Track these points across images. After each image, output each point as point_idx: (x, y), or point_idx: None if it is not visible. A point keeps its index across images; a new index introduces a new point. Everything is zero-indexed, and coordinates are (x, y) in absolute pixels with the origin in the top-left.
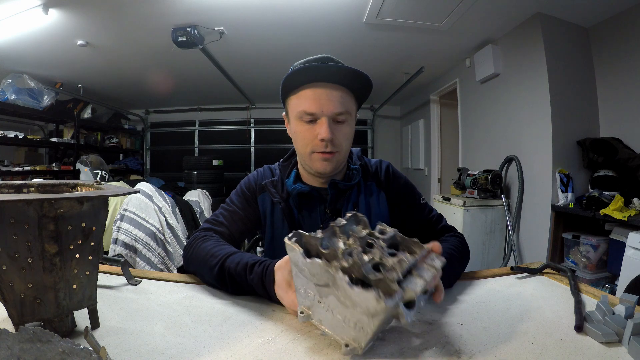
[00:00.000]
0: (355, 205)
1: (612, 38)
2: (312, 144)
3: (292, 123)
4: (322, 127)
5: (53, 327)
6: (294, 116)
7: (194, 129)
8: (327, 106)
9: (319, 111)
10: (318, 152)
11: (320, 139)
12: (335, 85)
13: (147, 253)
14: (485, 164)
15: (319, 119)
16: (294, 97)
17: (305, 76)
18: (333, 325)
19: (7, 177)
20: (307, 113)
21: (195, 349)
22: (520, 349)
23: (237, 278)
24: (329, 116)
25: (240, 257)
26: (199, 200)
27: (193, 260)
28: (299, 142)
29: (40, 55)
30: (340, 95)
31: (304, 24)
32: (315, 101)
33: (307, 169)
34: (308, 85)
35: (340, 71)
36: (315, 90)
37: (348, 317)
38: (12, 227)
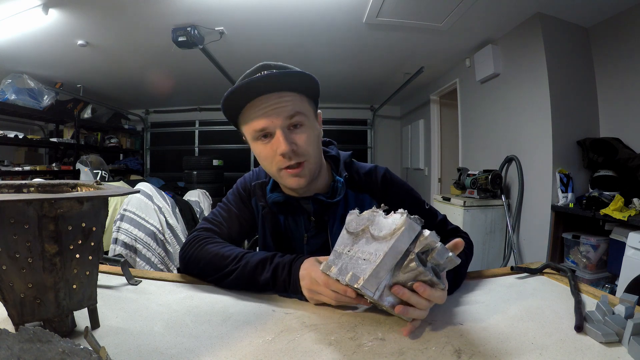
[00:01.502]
0: (342, 218)
1: (612, 38)
2: (275, 162)
3: (252, 145)
4: (278, 140)
5: (53, 327)
6: (250, 139)
7: (194, 129)
8: (275, 117)
9: (269, 124)
10: (284, 169)
11: (280, 154)
12: (278, 93)
13: (147, 253)
14: (485, 164)
15: (273, 132)
16: (242, 120)
17: (241, 96)
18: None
19: (7, 177)
20: (258, 130)
21: (195, 349)
22: (520, 349)
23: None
24: (282, 126)
25: (260, 253)
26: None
27: (194, 261)
28: (263, 162)
29: (40, 55)
30: (285, 100)
31: (304, 24)
32: (262, 116)
33: (282, 187)
34: (249, 103)
35: (271, 78)
36: (258, 104)
37: (369, 251)
38: (12, 227)
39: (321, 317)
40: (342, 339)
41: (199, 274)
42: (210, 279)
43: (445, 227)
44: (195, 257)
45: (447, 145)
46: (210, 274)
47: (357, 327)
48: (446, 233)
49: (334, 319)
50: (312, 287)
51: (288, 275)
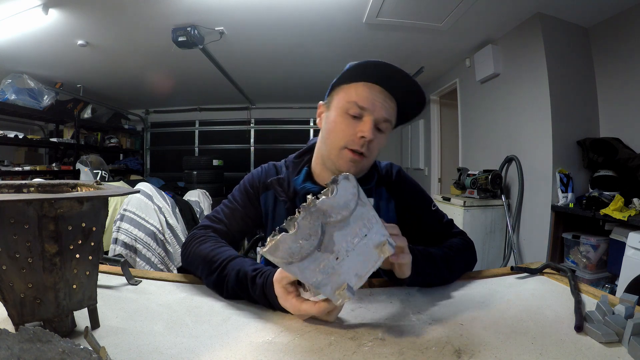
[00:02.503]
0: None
1: (612, 38)
2: (348, 139)
3: (334, 113)
4: (367, 125)
5: (53, 327)
6: (339, 106)
7: (194, 129)
8: (379, 108)
9: (370, 107)
10: (350, 150)
11: (360, 136)
12: (390, 96)
13: (147, 253)
14: (485, 164)
15: (365, 116)
16: (347, 87)
17: (370, 73)
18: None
19: (7, 177)
20: (358, 105)
21: (195, 349)
22: (520, 349)
23: (237, 286)
24: (376, 118)
25: (241, 263)
26: (199, 200)
27: (191, 260)
28: (334, 133)
29: (40, 55)
30: (391, 105)
31: (304, 24)
32: (369, 99)
33: (329, 165)
34: (367, 82)
35: (403, 80)
36: (373, 88)
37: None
38: (12, 227)
39: None
40: (342, 339)
41: (195, 273)
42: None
43: (451, 230)
44: (190, 256)
45: (447, 145)
46: (203, 276)
47: (357, 327)
48: (451, 235)
49: None
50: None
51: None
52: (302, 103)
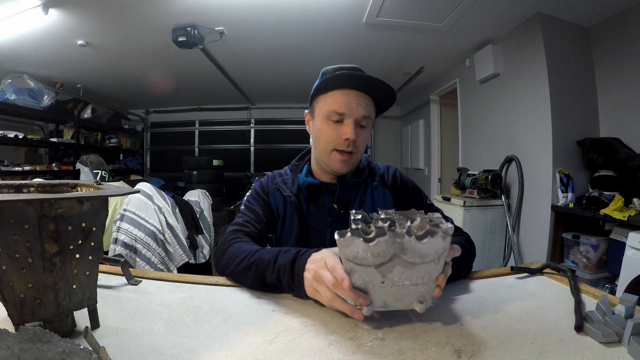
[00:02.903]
0: (362, 202)
1: (612, 38)
2: (335, 142)
3: (318, 121)
4: (348, 127)
5: (53, 327)
6: (321, 114)
7: (194, 129)
8: (355, 109)
9: (347, 112)
10: (338, 151)
11: (345, 138)
12: (364, 93)
13: (147, 253)
14: (485, 164)
15: (345, 120)
16: (324, 97)
17: (341, 81)
18: (399, 297)
19: (7, 177)
20: (337, 113)
21: (195, 349)
22: (520, 349)
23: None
24: (356, 119)
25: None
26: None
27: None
28: (322, 139)
29: (40, 55)
30: (366, 103)
31: (304, 24)
32: (346, 104)
33: (323, 166)
34: (340, 89)
35: (371, 81)
36: (347, 94)
37: (415, 276)
38: (12, 227)
39: (321, 317)
40: (342, 339)
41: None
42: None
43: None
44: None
45: (447, 145)
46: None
47: (357, 327)
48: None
49: (334, 319)
50: (313, 279)
51: (291, 275)
52: (302, 103)
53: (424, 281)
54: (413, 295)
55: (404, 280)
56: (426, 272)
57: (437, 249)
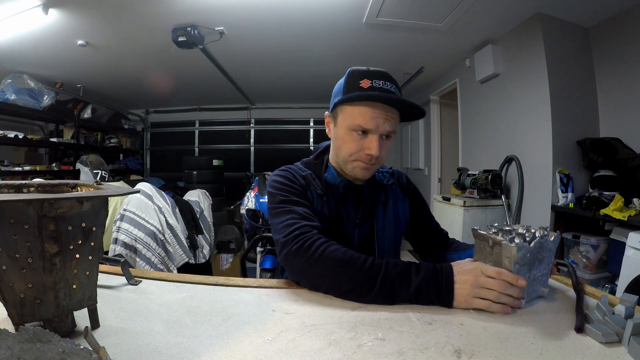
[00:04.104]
0: (384, 205)
1: (612, 38)
2: (357, 155)
3: (341, 130)
4: (373, 143)
5: (53, 327)
6: (345, 125)
7: (194, 129)
8: (382, 126)
9: (374, 128)
10: (360, 161)
11: (368, 153)
12: (392, 109)
13: (147, 253)
14: (485, 164)
15: (370, 135)
16: (351, 107)
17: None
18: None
19: (7, 177)
20: (363, 127)
21: (195, 349)
22: (520, 349)
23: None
24: (381, 134)
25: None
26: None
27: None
28: (344, 149)
29: (40, 55)
30: (393, 117)
31: (304, 24)
32: (373, 120)
33: (346, 171)
34: (369, 103)
35: (402, 102)
36: (375, 110)
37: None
38: (12, 227)
39: (321, 317)
40: (342, 339)
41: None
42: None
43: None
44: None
45: (447, 145)
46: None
47: (357, 327)
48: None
49: (334, 319)
50: (474, 288)
51: (437, 288)
52: (302, 103)
53: (546, 271)
54: (539, 284)
55: (537, 273)
56: (548, 264)
57: (555, 244)
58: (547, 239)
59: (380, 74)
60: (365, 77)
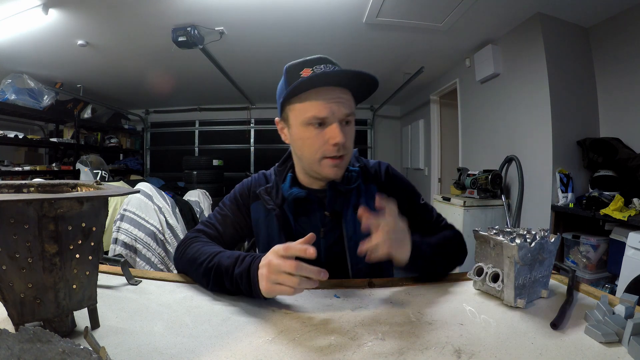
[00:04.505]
0: (355, 207)
1: (612, 38)
2: (322, 149)
3: (296, 129)
4: (334, 131)
5: (53, 327)
6: (299, 122)
7: (194, 129)
8: (337, 110)
9: (330, 115)
10: (329, 158)
11: (334, 143)
12: (341, 89)
13: (147, 253)
14: (485, 164)
15: (329, 123)
16: (300, 102)
17: (313, 82)
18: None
19: (7, 177)
20: (318, 118)
21: (195, 349)
22: (520, 349)
23: (224, 271)
24: (339, 119)
25: (230, 253)
26: (199, 200)
27: (183, 260)
28: (306, 148)
29: (40, 55)
30: (347, 97)
31: (304, 24)
32: (326, 106)
33: (312, 174)
34: (314, 90)
35: (347, 75)
36: (324, 93)
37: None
38: (12, 227)
39: (321, 317)
40: (342, 339)
41: (186, 273)
42: (196, 281)
43: (440, 223)
44: (182, 258)
45: (447, 145)
46: (193, 274)
47: (357, 327)
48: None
49: (334, 319)
50: (270, 273)
51: (247, 281)
52: None
53: (546, 273)
54: (540, 286)
55: (537, 274)
56: (548, 266)
57: (555, 246)
58: (548, 240)
59: (319, 59)
60: (304, 66)
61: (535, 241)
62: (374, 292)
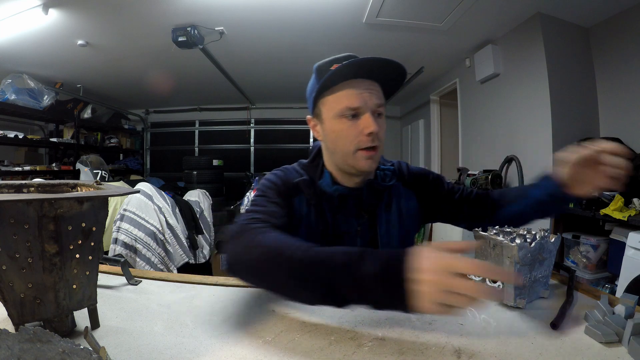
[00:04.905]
0: (387, 206)
1: (612, 38)
2: (357, 141)
3: (330, 122)
4: (368, 120)
5: (53, 327)
6: (332, 115)
7: (194, 129)
8: (370, 100)
9: (363, 105)
10: (363, 150)
11: (367, 132)
12: (371, 81)
13: (147, 253)
14: (485, 164)
15: (362, 114)
16: (331, 95)
17: (347, 72)
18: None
19: (7, 177)
20: (351, 108)
21: (195, 349)
22: (520, 349)
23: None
24: (372, 109)
25: (332, 248)
26: (199, 200)
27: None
28: (340, 140)
29: (40, 55)
30: (377, 90)
31: (304, 24)
32: (359, 96)
33: (346, 169)
34: (346, 82)
35: (378, 63)
36: (356, 85)
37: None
38: (12, 227)
39: (321, 317)
40: (342, 339)
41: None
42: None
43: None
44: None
45: (447, 145)
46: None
47: (357, 327)
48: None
49: (334, 319)
50: (445, 281)
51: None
52: (302, 103)
53: (547, 273)
54: (540, 286)
55: (538, 274)
56: (548, 266)
57: (555, 246)
58: (548, 240)
59: (347, 55)
60: (333, 62)
61: (535, 241)
62: None
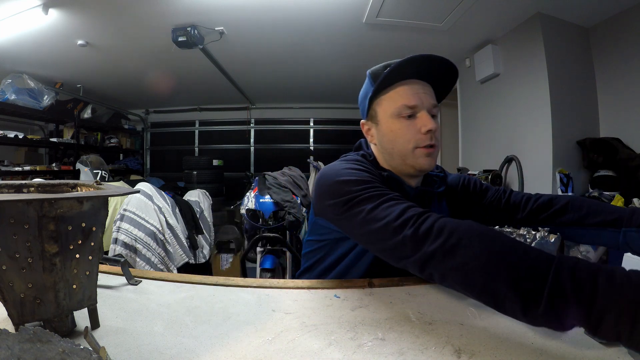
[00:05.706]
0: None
1: (612, 38)
2: (415, 139)
3: (386, 123)
4: (425, 118)
5: (53, 327)
6: (389, 115)
7: (194, 129)
8: (426, 99)
9: (419, 104)
10: (421, 147)
11: (426, 130)
12: (425, 83)
13: (147, 253)
14: (485, 164)
15: (418, 113)
16: (387, 95)
17: (405, 71)
18: None
19: (7, 177)
20: (408, 107)
21: (195, 349)
22: (520, 349)
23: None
24: (427, 109)
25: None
26: (199, 200)
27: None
28: (399, 139)
29: (40, 55)
30: (431, 91)
31: (304, 24)
32: (415, 95)
33: (405, 169)
34: (402, 82)
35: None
36: (411, 85)
37: None
38: (12, 227)
39: (321, 317)
40: (342, 339)
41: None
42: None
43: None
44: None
45: (447, 145)
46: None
47: (357, 327)
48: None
49: (334, 319)
50: None
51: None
52: (302, 103)
53: None
54: None
55: None
56: None
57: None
58: (548, 240)
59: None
60: (387, 67)
61: (536, 241)
62: (374, 292)
